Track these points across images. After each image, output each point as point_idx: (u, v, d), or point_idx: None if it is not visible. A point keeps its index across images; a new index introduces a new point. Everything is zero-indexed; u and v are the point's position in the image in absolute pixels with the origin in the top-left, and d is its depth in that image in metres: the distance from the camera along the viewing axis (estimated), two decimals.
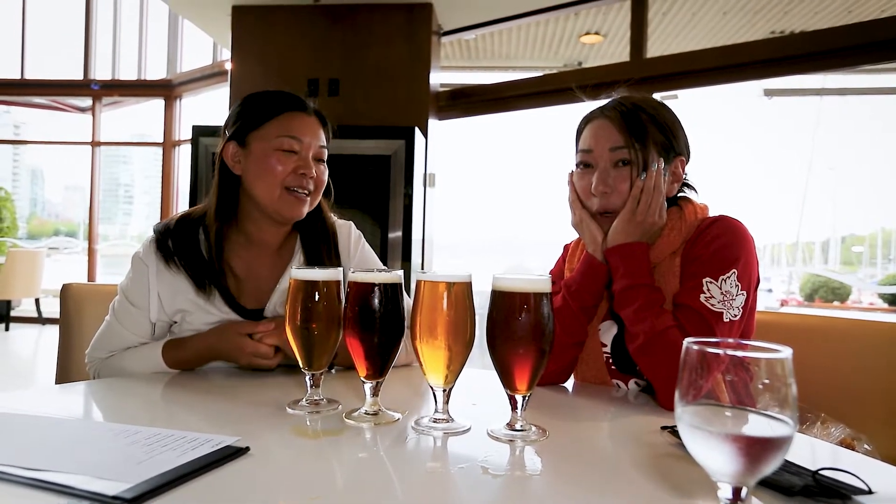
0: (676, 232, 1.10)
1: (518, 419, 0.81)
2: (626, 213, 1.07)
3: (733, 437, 0.47)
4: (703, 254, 1.04)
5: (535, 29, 5.01)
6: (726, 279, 1.01)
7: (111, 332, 1.21)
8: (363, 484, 0.65)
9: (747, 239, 1.05)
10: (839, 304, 10.27)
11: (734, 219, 1.08)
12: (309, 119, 1.22)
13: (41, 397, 1.03)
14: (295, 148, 1.19)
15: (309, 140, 1.20)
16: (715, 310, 0.99)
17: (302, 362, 0.92)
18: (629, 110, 1.10)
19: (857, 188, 9.24)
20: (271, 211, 1.21)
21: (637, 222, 1.06)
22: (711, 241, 1.05)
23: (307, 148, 1.20)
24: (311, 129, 1.22)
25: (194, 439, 0.72)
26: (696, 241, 1.08)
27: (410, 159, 3.78)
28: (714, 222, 1.08)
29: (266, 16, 4.33)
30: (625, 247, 1.06)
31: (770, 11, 4.62)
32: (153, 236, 1.22)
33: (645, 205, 1.06)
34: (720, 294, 1.00)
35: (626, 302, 1.04)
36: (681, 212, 1.12)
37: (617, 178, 1.09)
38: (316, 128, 1.23)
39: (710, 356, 0.48)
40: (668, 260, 1.09)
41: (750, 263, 1.04)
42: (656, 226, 1.08)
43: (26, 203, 16.63)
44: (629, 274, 1.04)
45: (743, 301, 1.01)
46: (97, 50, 7.15)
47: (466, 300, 0.83)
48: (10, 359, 5.67)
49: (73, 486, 0.59)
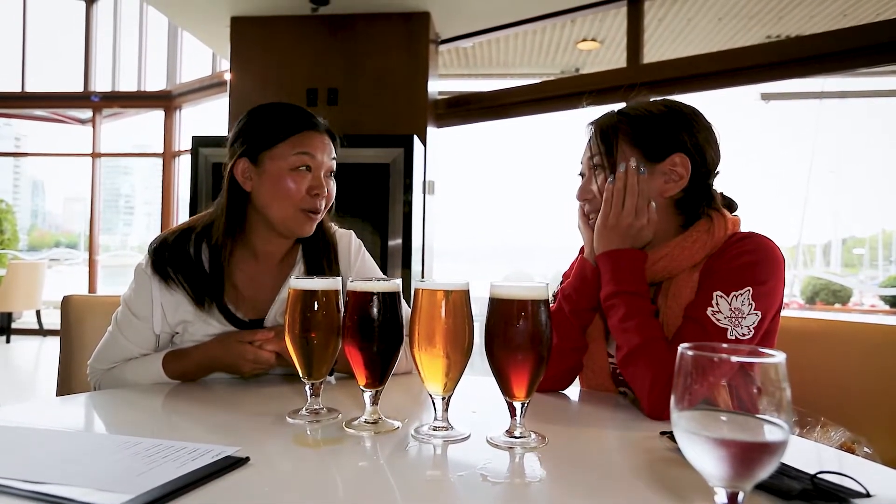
0: (700, 245, 1.04)
1: (517, 426, 0.82)
2: (600, 217, 1.07)
3: (729, 442, 0.47)
4: (724, 268, 1.00)
5: (533, 36, 5.04)
6: (738, 296, 0.96)
7: (114, 343, 1.21)
8: (364, 493, 0.66)
9: (776, 259, 1.00)
10: (840, 306, 10.25)
11: (766, 238, 1.03)
12: (321, 137, 1.22)
13: (42, 409, 1.03)
14: (309, 166, 1.19)
15: (321, 158, 1.21)
16: (720, 325, 0.95)
17: (301, 372, 0.92)
18: (604, 120, 1.11)
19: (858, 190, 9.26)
20: (283, 228, 1.22)
21: (612, 226, 1.05)
22: (735, 257, 1.00)
23: (320, 167, 1.21)
24: (324, 148, 1.22)
25: (194, 450, 0.73)
26: (720, 255, 1.03)
27: (409, 167, 3.80)
28: (743, 238, 1.03)
29: (265, 26, 4.36)
30: (612, 253, 1.05)
31: (765, 16, 4.65)
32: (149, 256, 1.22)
33: (618, 207, 1.04)
34: (728, 310, 0.96)
35: (610, 310, 1.03)
36: (710, 224, 1.06)
37: (588, 182, 1.12)
38: (327, 145, 1.23)
39: (705, 361, 0.48)
40: (686, 273, 1.05)
41: (774, 286, 0.99)
42: (642, 228, 1.04)
43: (27, 215, 16.66)
44: (613, 281, 1.03)
45: (755, 322, 0.95)
46: (97, 62, 7.19)
47: (464, 308, 0.83)
48: (11, 371, 5.66)
49: (74, 499, 0.59)
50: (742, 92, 3.83)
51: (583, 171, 1.15)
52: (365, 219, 3.84)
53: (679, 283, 1.04)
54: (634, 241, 1.05)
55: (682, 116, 1.10)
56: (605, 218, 1.06)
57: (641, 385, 0.97)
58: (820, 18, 4.62)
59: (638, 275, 1.03)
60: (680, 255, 1.05)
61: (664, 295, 1.06)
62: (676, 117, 1.10)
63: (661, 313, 1.05)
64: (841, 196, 9.53)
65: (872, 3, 4.35)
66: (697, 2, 4.46)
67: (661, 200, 1.08)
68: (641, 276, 1.03)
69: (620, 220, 1.04)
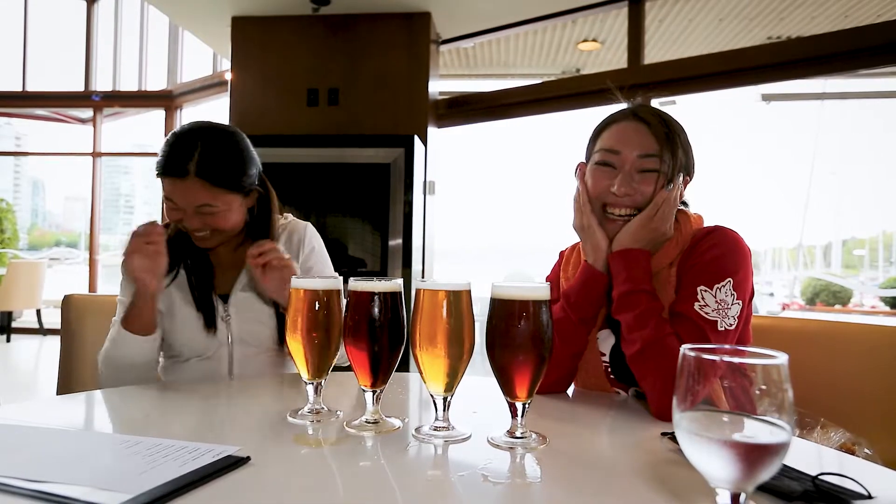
0: (674, 243, 1.10)
1: (518, 426, 0.82)
2: (643, 217, 1.07)
3: (731, 443, 0.47)
4: (698, 263, 1.05)
5: (533, 37, 5.03)
6: (721, 288, 1.00)
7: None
8: (364, 493, 0.66)
9: (744, 249, 1.06)
10: (841, 307, 10.25)
11: (730, 229, 1.08)
12: (181, 183, 1.23)
13: (43, 408, 1.03)
14: (174, 206, 1.26)
15: (183, 203, 1.25)
16: (709, 318, 0.99)
17: (303, 371, 0.92)
18: (661, 126, 1.10)
19: (858, 191, 9.21)
20: None
21: (650, 229, 1.06)
22: (707, 251, 1.05)
23: (185, 207, 1.25)
24: (183, 193, 1.24)
25: (195, 449, 0.73)
26: (691, 251, 1.08)
27: (410, 167, 3.79)
28: (710, 232, 1.08)
29: (266, 26, 4.36)
30: (629, 252, 1.06)
31: (766, 17, 4.65)
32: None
33: (661, 214, 1.06)
34: (714, 302, 0.99)
35: (627, 307, 1.02)
36: (678, 224, 1.12)
37: (642, 181, 1.08)
38: (190, 190, 1.23)
39: (707, 362, 0.48)
40: (665, 271, 1.09)
41: (746, 274, 1.04)
42: (664, 237, 1.08)
43: (27, 214, 16.66)
44: (631, 279, 1.03)
45: (739, 310, 1.00)
46: (98, 61, 7.19)
47: (466, 308, 0.83)
48: (11, 370, 5.66)
49: (75, 498, 0.59)
50: (743, 93, 3.83)
51: (612, 161, 1.10)
52: (365, 218, 3.84)
53: (660, 280, 1.08)
54: (653, 247, 1.09)
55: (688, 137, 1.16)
56: (647, 219, 1.07)
57: (653, 384, 0.98)
58: (821, 19, 4.61)
59: (650, 275, 1.06)
60: (660, 255, 1.09)
61: None
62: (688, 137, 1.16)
63: None
64: (841, 197, 9.50)
65: (874, 4, 4.35)
66: (698, 2, 4.45)
67: None
68: (651, 276, 1.06)
69: (658, 226, 1.06)
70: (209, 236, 1.30)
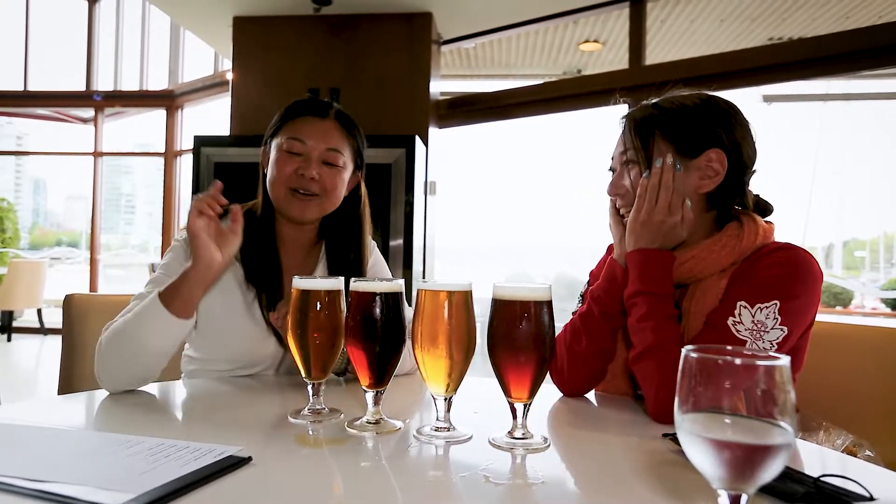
0: (729, 250, 1.01)
1: (519, 427, 0.82)
2: (633, 213, 1.03)
3: (732, 445, 0.47)
4: (753, 278, 0.97)
5: (535, 37, 5.03)
6: (763, 308, 0.93)
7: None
8: (365, 493, 0.66)
9: (814, 276, 0.96)
10: (842, 308, 10.23)
11: (804, 250, 0.98)
12: (320, 123, 1.27)
13: (44, 408, 1.03)
14: (297, 150, 1.24)
15: (314, 143, 1.24)
16: (739, 336, 0.92)
17: (304, 371, 0.92)
18: (639, 113, 1.08)
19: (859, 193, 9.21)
20: (279, 209, 1.29)
21: (644, 223, 1.01)
22: (767, 268, 0.97)
23: (311, 150, 1.25)
24: (319, 133, 1.25)
25: (197, 449, 0.73)
26: (752, 264, 0.99)
27: (411, 167, 3.79)
28: (779, 249, 0.99)
29: (267, 26, 4.36)
30: (640, 252, 1.02)
31: (768, 18, 4.64)
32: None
33: (651, 203, 1.01)
34: (751, 322, 0.93)
35: (630, 309, 1.01)
36: (740, 229, 1.02)
37: (628, 179, 1.08)
38: (327, 132, 1.26)
39: (709, 364, 0.48)
40: (714, 278, 1.01)
41: (806, 303, 0.95)
42: (675, 226, 1.00)
43: (28, 213, 16.66)
44: (638, 280, 1.00)
45: (780, 337, 0.93)
46: (99, 61, 7.20)
47: (467, 308, 0.83)
48: (12, 369, 5.67)
49: (76, 497, 0.59)
50: (744, 94, 3.82)
51: (613, 165, 1.12)
52: None
53: (705, 287, 1.01)
54: (666, 239, 1.02)
55: (718, 110, 1.06)
56: (637, 214, 1.02)
57: (649, 386, 0.96)
58: (823, 21, 4.61)
59: (664, 276, 1.00)
60: (707, 259, 1.01)
61: (689, 298, 1.03)
62: (713, 111, 1.05)
63: (685, 317, 1.02)
64: (843, 198, 9.48)
65: (875, 5, 4.35)
66: (700, 3, 4.45)
67: (696, 197, 1.04)
68: (667, 278, 1.00)
69: (653, 217, 1.00)
70: (312, 199, 1.24)
